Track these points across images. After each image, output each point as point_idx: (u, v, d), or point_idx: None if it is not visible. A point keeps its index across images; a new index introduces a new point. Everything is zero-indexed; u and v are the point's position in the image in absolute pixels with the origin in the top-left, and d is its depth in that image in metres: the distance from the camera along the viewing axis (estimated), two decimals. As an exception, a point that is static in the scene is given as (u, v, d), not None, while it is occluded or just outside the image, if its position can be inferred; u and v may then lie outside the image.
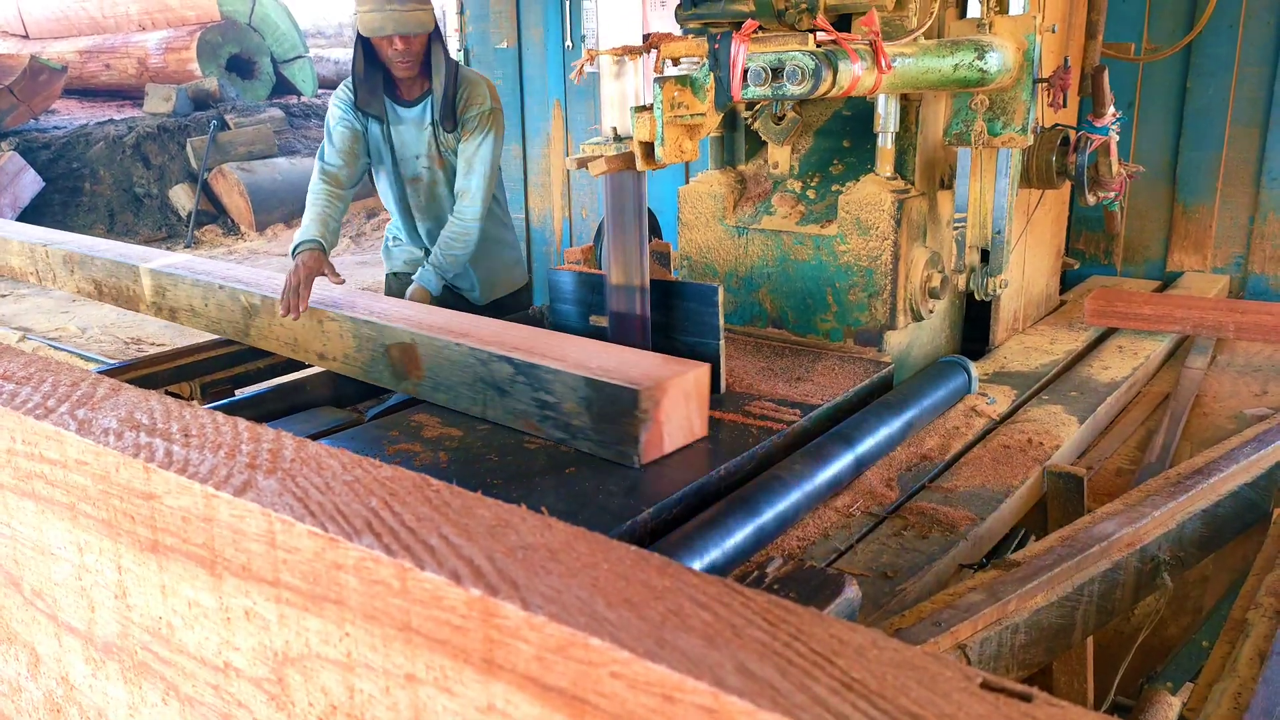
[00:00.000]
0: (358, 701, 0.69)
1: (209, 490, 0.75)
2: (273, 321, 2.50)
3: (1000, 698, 0.50)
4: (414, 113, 2.90)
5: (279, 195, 9.51)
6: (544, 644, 0.56)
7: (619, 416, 1.75)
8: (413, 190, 3.00)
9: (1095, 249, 3.66)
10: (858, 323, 2.37)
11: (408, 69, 2.79)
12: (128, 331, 6.18)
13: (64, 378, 1.03)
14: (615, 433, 1.76)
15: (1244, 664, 1.35)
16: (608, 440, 1.78)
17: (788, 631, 0.56)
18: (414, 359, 2.13)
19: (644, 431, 1.73)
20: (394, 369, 2.19)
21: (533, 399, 1.90)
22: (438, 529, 0.68)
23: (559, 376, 1.84)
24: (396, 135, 2.93)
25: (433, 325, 2.15)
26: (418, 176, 2.96)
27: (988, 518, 1.76)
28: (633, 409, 1.72)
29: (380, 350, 2.22)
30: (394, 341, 2.18)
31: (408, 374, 2.16)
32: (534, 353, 1.92)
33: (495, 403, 1.97)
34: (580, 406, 1.81)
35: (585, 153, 2.04)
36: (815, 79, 1.80)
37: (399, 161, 2.96)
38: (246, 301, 2.58)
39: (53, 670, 0.99)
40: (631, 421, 1.72)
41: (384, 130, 2.92)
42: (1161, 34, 3.37)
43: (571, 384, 1.82)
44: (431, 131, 2.88)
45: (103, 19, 12.20)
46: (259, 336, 2.58)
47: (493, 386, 1.97)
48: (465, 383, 2.03)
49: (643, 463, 1.74)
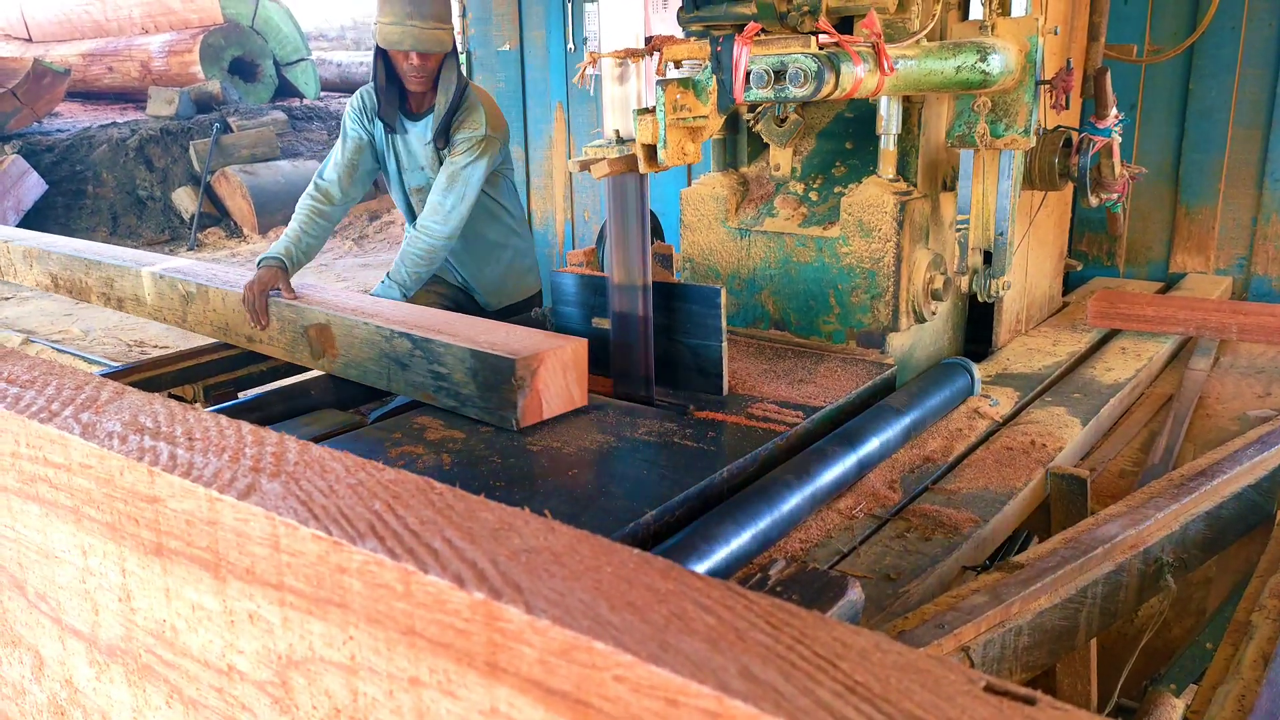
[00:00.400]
0: (361, 705, 0.69)
1: (213, 494, 0.75)
2: (206, 308, 2.75)
3: (1004, 701, 0.50)
4: (419, 126, 2.95)
5: (281, 197, 9.52)
6: (547, 647, 0.56)
7: (500, 384, 1.96)
8: (416, 200, 3.05)
9: (1098, 250, 3.66)
10: (860, 325, 2.37)
11: (421, 84, 2.84)
12: (131, 334, 6.19)
13: (68, 381, 1.03)
14: (497, 399, 1.98)
15: (1248, 666, 1.35)
16: (491, 406, 1.99)
17: (791, 635, 0.56)
18: (329, 339, 2.35)
19: (521, 397, 1.95)
20: (312, 348, 2.42)
21: (429, 371, 2.11)
22: (441, 532, 0.68)
23: (450, 350, 2.06)
24: (404, 145, 2.98)
25: (345, 307, 2.39)
26: (421, 187, 3.02)
27: (990, 520, 1.76)
28: (510, 376, 1.94)
29: (300, 331, 2.44)
30: (311, 323, 2.40)
31: (325, 352, 2.38)
32: (431, 329, 2.14)
33: (398, 376, 2.20)
34: (468, 377, 2.02)
35: (588, 155, 2.04)
36: (817, 81, 1.80)
37: (404, 171, 3.02)
38: (184, 289, 2.82)
39: (57, 673, 0.99)
40: (510, 388, 1.95)
41: (391, 140, 2.97)
42: (1164, 36, 3.37)
43: (460, 356, 2.04)
44: (433, 145, 2.93)
45: (106, 22, 12.22)
46: (195, 322, 2.81)
47: (395, 361, 2.19)
48: (372, 359, 2.25)
49: (520, 426, 1.96)
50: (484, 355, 1.99)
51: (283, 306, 2.48)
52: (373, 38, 2.82)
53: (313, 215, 2.85)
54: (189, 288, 2.79)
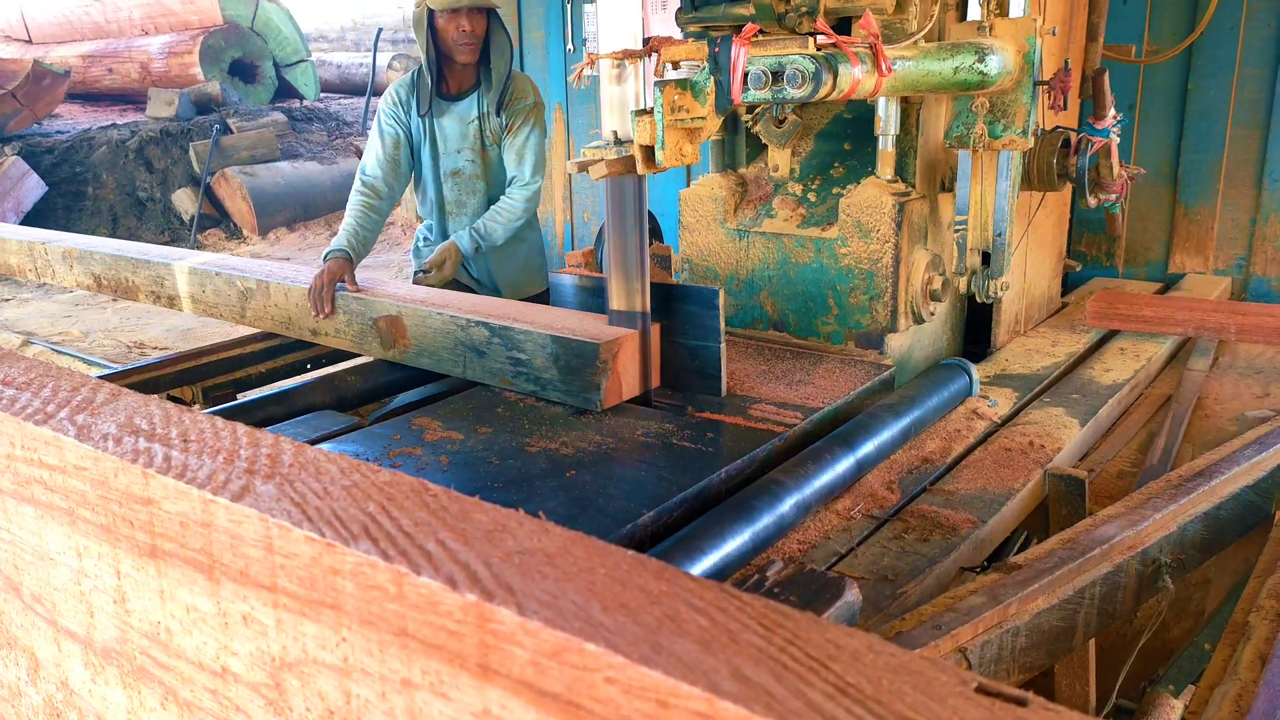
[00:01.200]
0: (354, 706, 0.69)
1: (207, 495, 0.75)
2: (267, 303, 2.75)
3: (996, 702, 0.50)
4: (460, 107, 3.01)
5: (281, 199, 9.53)
6: (539, 649, 0.56)
7: (582, 369, 2.04)
8: (452, 185, 3.08)
9: (1097, 251, 3.66)
10: (859, 325, 2.37)
11: (469, 53, 2.90)
12: (130, 335, 6.19)
13: (64, 383, 1.03)
14: (580, 383, 2.06)
15: (1245, 667, 1.35)
16: (574, 389, 2.07)
17: (784, 636, 0.56)
18: (400, 329, 2.42)
19: (604, 380, 2.02)
20: (382, 339, 2.47)
21: (507, 358, 2.19)
22: (435, 534, 0.68)
23: (530, 336, 2.13)
24: (439, 129, 3.03)
25: (415, 298, 2.44)
26: (459, 170, 3.06)
27: (989, 520, 1.76)
28: (594, 360, 2.02)
29: (368, 323, 2.49)
30: (381, 314, 2.46)
31: (395, 343, 2.44)
32: (505, 317, 2.22)
33: (474, 363, 2.26)
34: (549, 362, 2.10)
35: (586, 156, 2.04)
36: (815, 82, 1.80)
37: (440, 156, 3.06)
38: (242, 286, 2.82)
39: (52, 675, 0.99)
40: (593, 371, 2.02)
41: (429, 125, 3.03)
42: (1162, 36, 3.37)
43: (541, 342, 2.11)
44: (477, 125, 3.00)
45: (106, 23, 12.23)
46: (255, 318, 2.81)
47: (471, 349, 2.26)
48: (446, 347, 2.31)
49: (603, 408, 2.04)
50: (566, 341, 2.06)
51: (349, 300, 2.53)
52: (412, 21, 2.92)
53: (365, 210, 2.93)
54: (248, 284, 2.80)
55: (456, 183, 3.07)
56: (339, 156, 10.38)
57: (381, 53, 12.56)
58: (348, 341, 2.58)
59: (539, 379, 2.13)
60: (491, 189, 3.07)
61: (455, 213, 3.12)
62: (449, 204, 3.11)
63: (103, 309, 6.77)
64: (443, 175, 3.08)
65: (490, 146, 3.03)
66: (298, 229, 9.58)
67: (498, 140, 3.01)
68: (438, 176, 3.08)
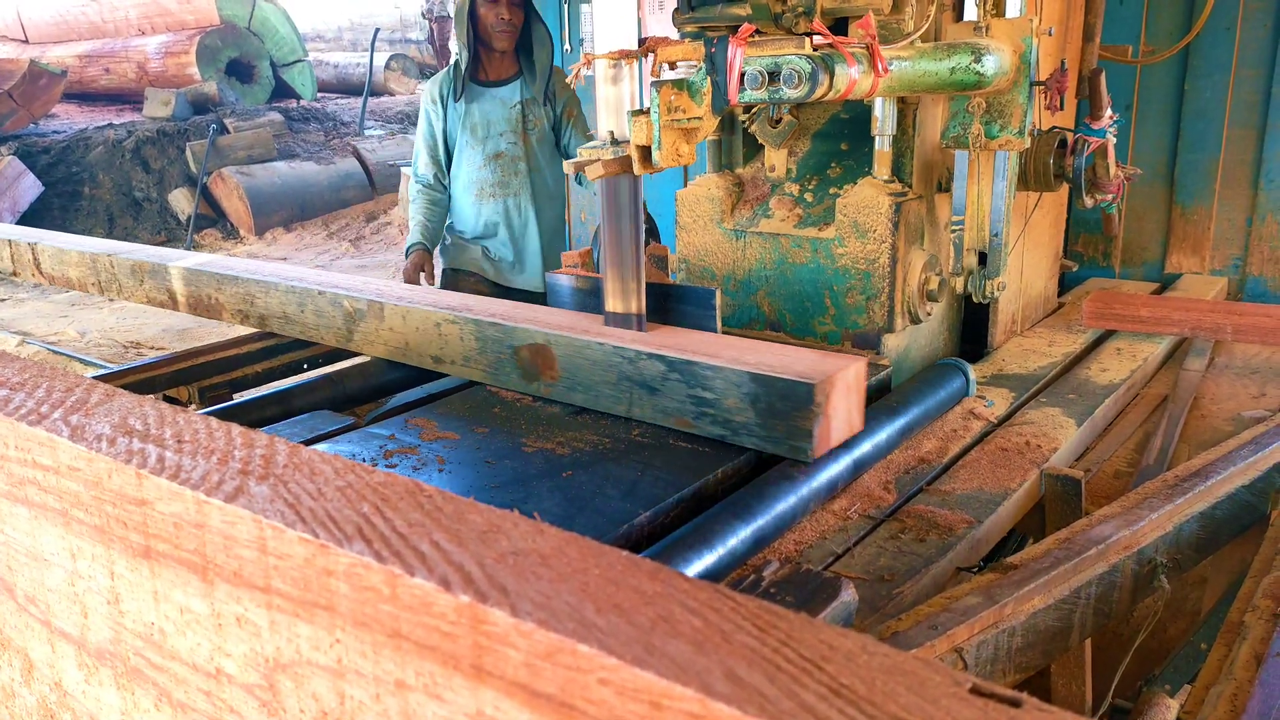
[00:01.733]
0: (348, 708, 0.69)
1: (200, 496, 0.75)
2: (380, 326, 2.46)
3: (989, 703, 0.49)
4: (502, 92, 3.21)
5: (278, 199, 9.53)
6: (532, 650, 0.56)
7: (790, 411, 1.74)
8: (495, 167, 3.25)
9: (1094, 251, 3.66)
10: (855, 325, 2.37)
11: (506, 39, 3.09)
12: (126, 336, 6.19)
13: (58, 383, 1.03)
14: (786, 428, 1.75)
15: (1240, 666, 1.35)
16: (777, 436, 1.77)
17: (777, 637, 0.56)
18: (547, 360, 2.10)
19: (817, 425, 1.72)
20: (524, 370, 2.15)
21: (688, 396, 1.88)
22: (429, 535, 0.68)
23: (719, 373, 1.81)
24: (480, 113, 3.20)
25: (562, 325, 2.11)
26: (500, 152, 3.23)
27: (985, 520, 1.76)
28: (808, 403, 1.71)
29: (508, 352, 2.18)
30: (524, 343, 2.14)
31: (540, 375, 2.12)
32: (685, 350, 1.90)
33: (643, 401, 1.95)
34: (744, 402, 1.80)
35: (582, 157, 2.04)
36: (812, 82, 1.80)
37: (483, 140, 3.24)
38: (350, 306, 2.50)
39: (46, 676, 0.99)
40: (805, 415, 1.72)
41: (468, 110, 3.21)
42: (1159, 36, 3.38)
43: (734, 380, 1.79)
44: (520, 109, 3.19)
45: (102, 23, 12.21)
46: (364, 341, 2.52)
47: (641, 385, 1.94)
48: (608, 382, 2.00)
49: (815, 457, 1.74)
50: (768, 379, 1.75)
51: (485, 326, 2.20)
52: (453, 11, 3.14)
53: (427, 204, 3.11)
54: (356, 304, 2.51)
55: (500, 164, 3.25)
56: (336, 156, 10.38)
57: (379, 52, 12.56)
58: (479, 372, 2.25)
59: (729, 422, 1.82)
60: (532, 171, 3.27)
61: (497, 194, 3.30)
62: (489, 185, 3.28)
63: (99, 309, 6.76)
64: (483, 159, 3.25)
65: (532, 131, 3.23)
66: (294, 229, 9.57)
67: (539, 125, 3.23)
68: (475, 159, 3.26)
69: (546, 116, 3.25)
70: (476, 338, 2.24)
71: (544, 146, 3.35)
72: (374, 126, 11.66)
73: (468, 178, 3.26)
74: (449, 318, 2.30)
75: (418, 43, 14.71)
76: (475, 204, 3.30)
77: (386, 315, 2.43)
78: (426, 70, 13.78)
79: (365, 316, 2.50)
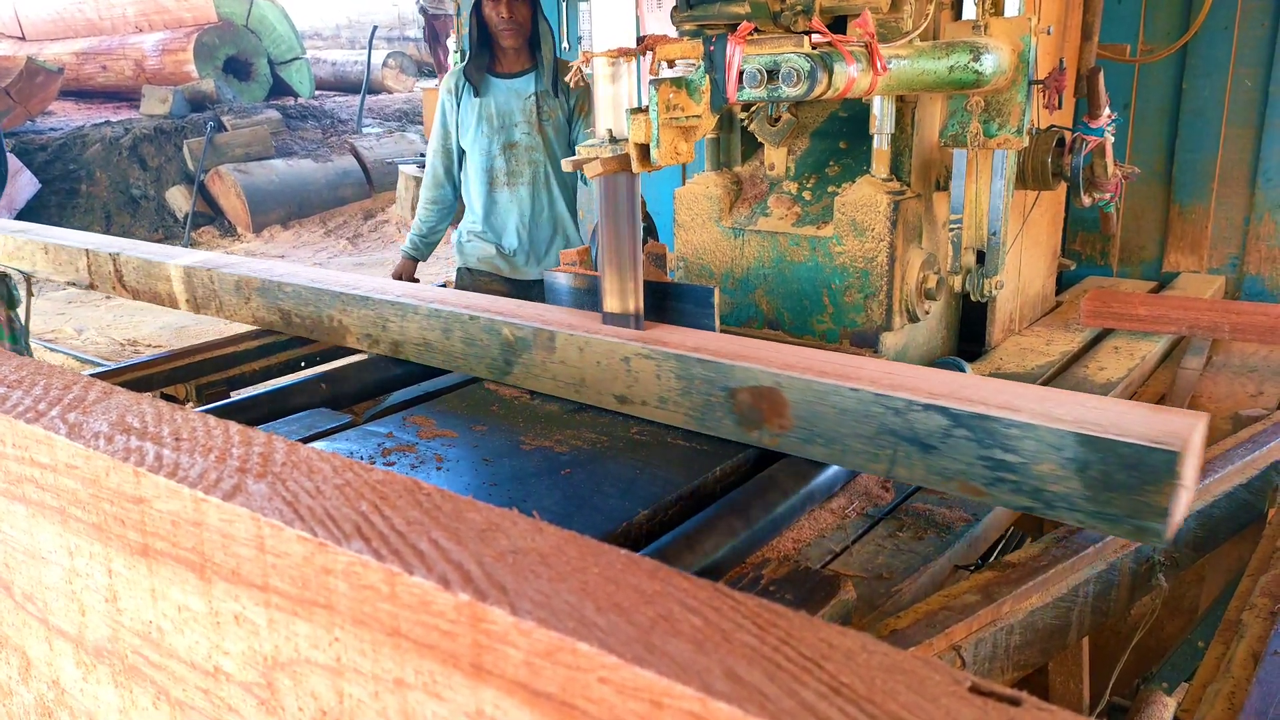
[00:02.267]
0: (347, 706, 0.69)
1: (198, 494, 0.75)
2: (548, 358, 2.08)
3: (989, 702, 0.49)
4: (517, 84, 3.27)
5: (276, 197, 9.51)
6: (532, 649, 0.56)
7: (1138, 485, 1.37)
8: (508, 156, 3.32)
9: (1092, 250, 3.66)
10: (854, 324, 2.37)
11: (513, 36, 3.15)
12: (124, 333, 6.18)
13: (55, 381, 1.03)
14: (1128, 504, 1.38)
15: (1238, 664, 1.35)
16: (1113, 514, 1.40)
17: (777, 635, 0.56)
18: (776, 406, 1.72)
19: (1176, 501, 1.35)
20: (741, 417, 1.78)
21: (979, 458, 1.50)
22: (428, 533, 0.68)
23: (1031, 431, 1.43)
24: (495, 104, 3.27)
25: (794, 365, 1.73)
26: (514, 142, 3.30)
27: (983, 518, 1.76)
28: (1167, 475, 1.34)
29: (721, 395, 1.80)
30: (743, 385, 1.76)
31: (763, 423, 1.75)
32: (976, 400, 1.52)
33: (912, 460, 1.57)
34: (1067, 470, 1.43)
35: (581, 155, 2.04)
36: (810, 81, 1.80)
37: (496, 131, 3.30)
38: (510, 335, 2.12)
39: (44, 674, 0.99)
40: (1160, 490, 1.35)
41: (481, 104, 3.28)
42: (1157, 35, 3.38)
43: (1052, 440, 1.42)
44: (534, 101, 3.25)
45: (100, 20, 12.19)
46: (525, 375, 2.14)
47: (911, 441, 1.57)
48: (863, 435, 1.62)
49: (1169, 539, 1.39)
50: (1106, 443, 1.37)
51: (692, 364, 1.84)
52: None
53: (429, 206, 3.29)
54: (518, 333, 2.10)
55: (513, 154, 3.31)
56: (334, 154, 10.36)
57: (376, 50, 12.54)
58: (680, 415, 1.89)
59: (1040, 492, 1.44)
60: (550, 160, 3.33)
61: (510, 183, 3.36)
62: (502, 175, 3.34)
63: (96, 306, 6.75)
64: (498, 148, 3.31)
65: (547, 121, 3.28)
66: (292, 226, 9.56)
67: (553, 116, 3.29)
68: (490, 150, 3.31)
69: (561, 108, 3.31)
70: (679, 376, 1.86)
71: (560, 138, 3.41)
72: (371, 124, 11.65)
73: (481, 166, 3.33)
74: (641, 351, 1.92)
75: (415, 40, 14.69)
76: (488, 193, 3.37)
77: (559, 346, 2.05)
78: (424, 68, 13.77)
79: (530, 347, 2.11)
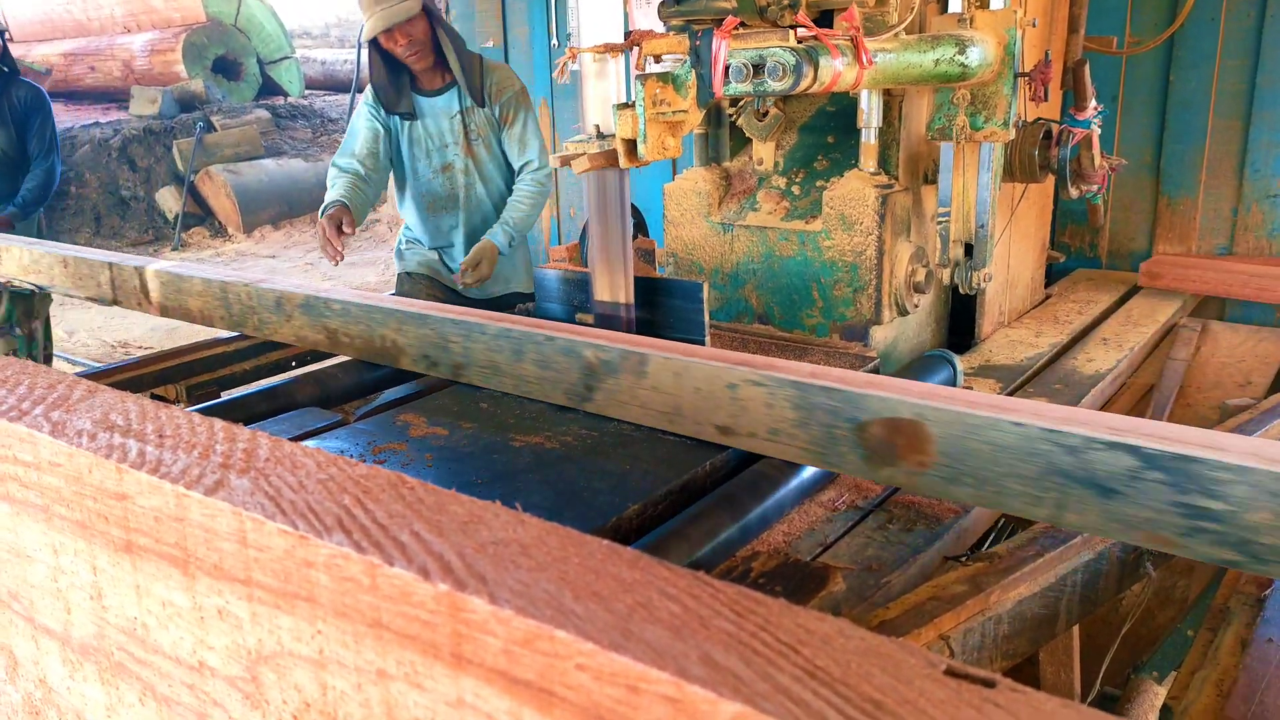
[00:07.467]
0: (330, 698, 0.69)
1: (180, 490, 0.75)
2: (637, 384, 1.83)
3: (963, 684, 0.50)
4: (440, 102, 3.07)
5: (266, 197, 9.49)
6: (511, 637, 0.56)
7: None
8: (441, 180, 3.15)
9: (1080, 242, 3.67)
10: (843, 318, 2.38)
11: (420, 59, 2.96)
12: (115, 335, 6.16)
13: (40, 380, 1.02)
14: None
15: (1225, 652, 1.36)
16: None
17: (755, 622, 0.56)
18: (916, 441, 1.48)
19: None
20: (871, 452, 1.53)
21: (1173, 504, 1.30)
22: (409, 526, 0.68)
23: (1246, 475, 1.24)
24: (424, 127, 3.09)
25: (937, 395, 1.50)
26: (449, 164, 3.12)
27: (972, 510, 1.77)
28: None
29: (849, 427, 1.55)
30: (877, 417, 1.51)
31: (898, 459, 1.50)
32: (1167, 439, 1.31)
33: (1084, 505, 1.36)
34: None
35: (569, 150, 2.04)
36: (796, 75, 1.80)
37: (429, 153, 3.12)
38: (593, 358, 1.88)
39: (30, 672, 0.99)
40: None
41: (409, 128, 3.09)
42: (1143, 27, 3.39)
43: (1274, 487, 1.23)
44: (460, 119, 3.06)
45: (87, 21, 12.14)
46: (608, 402, 1.89)
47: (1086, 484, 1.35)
48: (1023, 476, 1.40)
49: None
50: None
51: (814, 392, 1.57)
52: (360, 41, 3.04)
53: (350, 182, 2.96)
54: (601, 355, 1.85)
55: (448, 177, 3.14)
56: (324, 154, 10.33)
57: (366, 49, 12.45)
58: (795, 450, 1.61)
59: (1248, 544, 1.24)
60: (483, 180, 3.16)
61: (447, 207, 3.19)
62: (441, 199, 3.17)
63: (86, 309, 6.73)
64: (432, 171, 3.13)
65: (475, 140, 3.09)
66: (283, 226, 9.54)
67: (483, 132, 3.09)
68: (424, 172, 3.13)
69: (489, 120, 3.10)
70: (796, 406, 1.61)
71: (493, 155, 3.18)
72: (362, 124, 11.58)
73: (419, 191, 3.16)
74: (752, 378, 1.67)
75: (406, 39, 14.62)
76: (429, 217, 3.20)
77: (651, 371, 1.80)
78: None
79: (617, 371, 1.86)
